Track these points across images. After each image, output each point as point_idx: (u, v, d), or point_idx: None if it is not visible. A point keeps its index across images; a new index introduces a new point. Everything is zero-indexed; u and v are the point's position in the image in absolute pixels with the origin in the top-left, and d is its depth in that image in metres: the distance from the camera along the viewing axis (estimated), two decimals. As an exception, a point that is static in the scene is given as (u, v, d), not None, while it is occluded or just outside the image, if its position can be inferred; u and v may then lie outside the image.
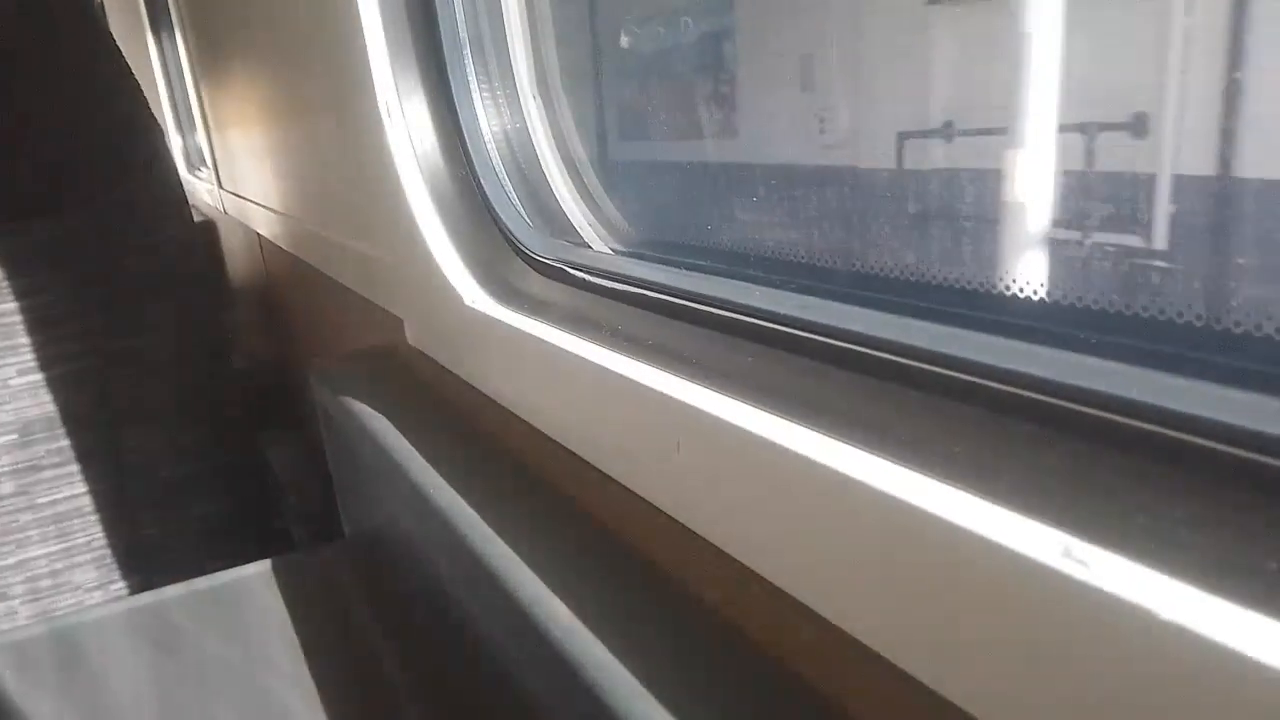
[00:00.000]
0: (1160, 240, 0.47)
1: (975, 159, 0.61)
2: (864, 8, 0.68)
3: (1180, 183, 0.48)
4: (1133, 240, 0.48)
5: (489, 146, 0.87)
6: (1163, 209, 0.48)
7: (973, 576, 0.35)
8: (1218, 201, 0.48)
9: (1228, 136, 0.46)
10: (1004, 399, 0.41)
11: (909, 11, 0.64)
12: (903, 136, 0.68)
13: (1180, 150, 0.49)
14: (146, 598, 1.16)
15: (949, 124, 0.63)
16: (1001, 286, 0.47)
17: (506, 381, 0.79)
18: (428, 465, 0.80)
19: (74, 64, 1.76)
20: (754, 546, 0.49)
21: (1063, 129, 0.53)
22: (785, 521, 0.46)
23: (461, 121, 0.86)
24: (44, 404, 1.73)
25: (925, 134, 0.65)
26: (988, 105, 0.60)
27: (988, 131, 0.61)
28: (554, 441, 0.71)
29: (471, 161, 0.86)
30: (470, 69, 0.86)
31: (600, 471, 0.65)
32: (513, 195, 0.86)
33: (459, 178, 0.88)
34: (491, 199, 0.86)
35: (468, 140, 0.86)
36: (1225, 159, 0.47)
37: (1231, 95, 0.46)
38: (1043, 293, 0.44)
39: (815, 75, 0.73)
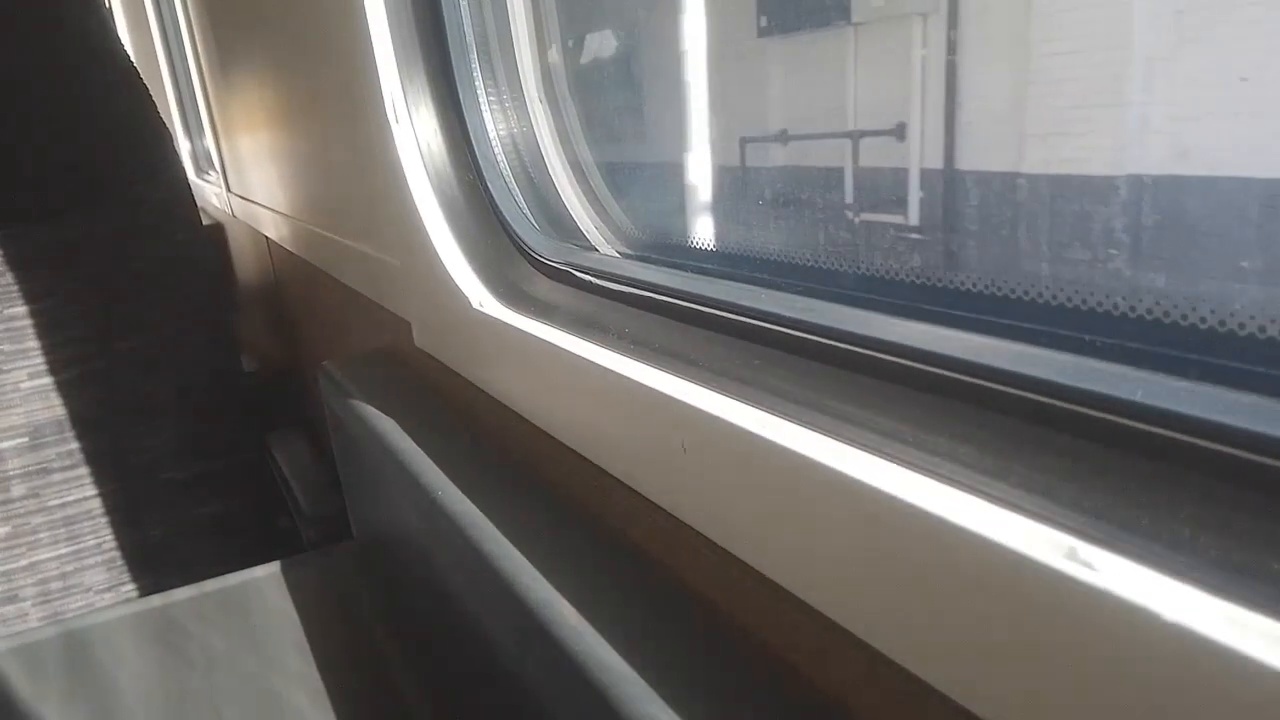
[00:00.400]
0: (914, 217, 0.65)
1: (799, 158, 0.78)
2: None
3: (925, 174, 0.65)
4: (897, 218, 0.67)
5: (495, 150, 0.87)
6: (914, 194, 0.65)
7: (979, 578, 0.36)
8: (948, 187, 0.64)
9: (951, 139, 0.63)
10: (1009, 401, 0.41)
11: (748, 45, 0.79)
12: (744, 141, 0.84)
13: (924, 150, 0.65)
14: (155, 600, 1.17)
15: (784, 131, 0.79)
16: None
17: (513, 384, 0.79)
18: (435, 466, 0.80)
19: (81, 67, 1.77)
20: (761, 548, 0.50)
21: (854, 135, 0.70)
22: (791, 523, 0.46)
23: (468, 125, 0.86)
24: (54, 407, 1.74)
25: (764, 139, 0.83)
26: (808, 118, 0.77)
27: (807, 137, 0.78)
28: (561, 443, 0.72)
29: (478, 165, 0.87)
30: (477, 72, 0.86)
31: (606, 473, 0.65)
32: (519, 198, 0.86)
33: (465, 181, 0.89)
34: (498, 202, 0.86)
35: (474, 144, 0.87)
36: (950, 155, 0.64)
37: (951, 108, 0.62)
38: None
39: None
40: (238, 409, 1.92)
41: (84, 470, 1.76)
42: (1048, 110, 0.57)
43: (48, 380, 1.73)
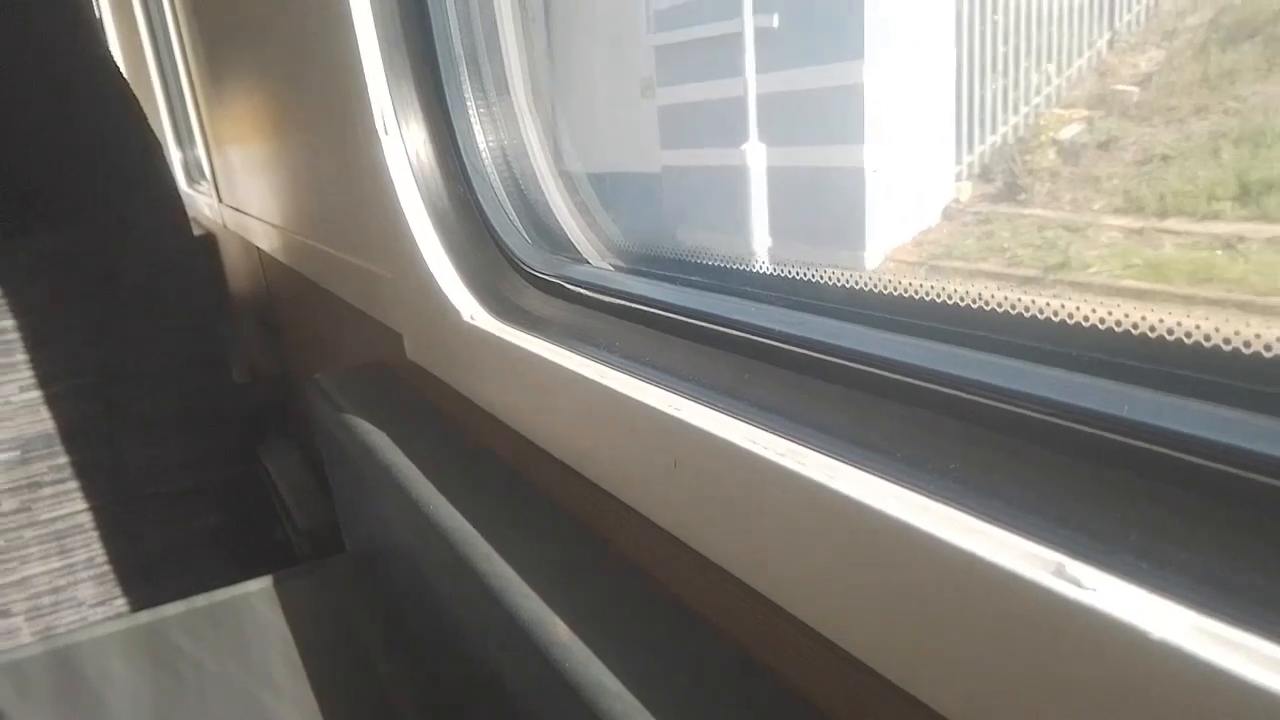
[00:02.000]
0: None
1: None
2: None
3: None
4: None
5: (485, 161, 0.87)
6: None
7: (967, 594, 0.35)
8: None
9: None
10: (998, 416, 0.41)
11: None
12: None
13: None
14: (145, 616, 1.16)
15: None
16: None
17: (505, 397, 0.79)
18: (426, 480, 0.80)
19: (72, 80, 1.77)
20: (752, 564, 0.49)
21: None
22: (781, 538, 0.46)
23: (458, 137, 0.86)
24: (44, 420, 1.73)
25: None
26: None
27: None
28: (552, 457, 0.72)
29: (468, 177, 0.87)
30: (466, 84, 0.86)
31: (598, 487, 0.65)
32: (510, 211, 0.86)
33: (456, 193, 0.89)
34: (489, 214, 0.86)
35: (464, 155, 0.87)
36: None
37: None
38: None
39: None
40: (230, 422, 1.91)
41: (74, 484, 1.75)
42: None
43: (37, 394, 1.73)
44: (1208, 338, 0.35)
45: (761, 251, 0.79)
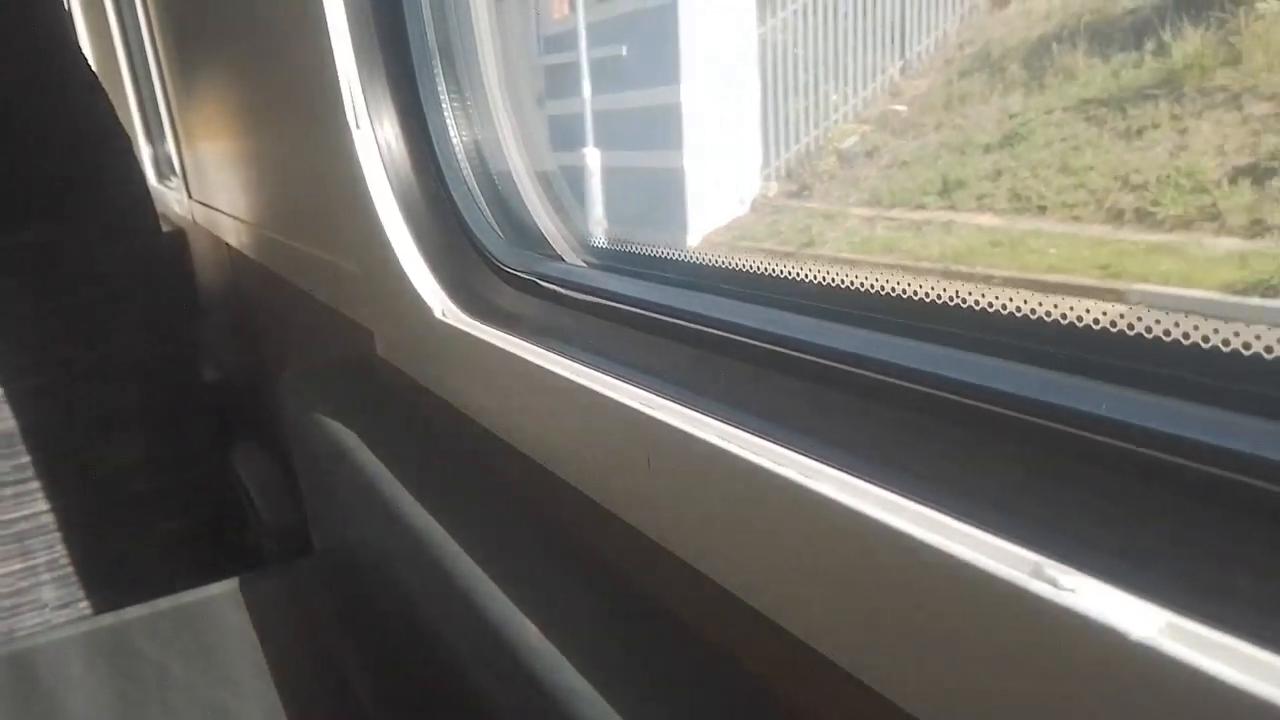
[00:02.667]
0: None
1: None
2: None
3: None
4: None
5: (459, 156, 0.86)
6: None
7: (943, 594, 0.35)
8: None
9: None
10: (975, 416, 0.40)
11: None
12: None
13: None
14: (107, 619, 1.14)
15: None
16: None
17: (476, 395, 0.78)
18: (396, 480, 0.79)
19: (40, 73, 1.74)
20: (725, 563, 0.49)
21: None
22: (756, 538, 0.45)
23: (431, 131, 0.85)
24: (5, 419, 1.70)
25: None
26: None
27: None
28: (525, 455, 0.71)
29: (441, 172, 0.86)
30: (440, 78, 0.85)
31: (571, 487, 0.64)
32: (483, 207, 0.85)
33: (429, 189, 0.87)
34: (462, 210, 0.85)
35: (438, 150, 0.86)
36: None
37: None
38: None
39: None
40: (199, 421, 1.88)
41: (36, 485, 1.72)
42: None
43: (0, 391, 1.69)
44: (1206, 339, 0.35)
45: (599, 233, 0.89)
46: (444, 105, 0.85)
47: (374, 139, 0.87)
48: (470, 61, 0.86)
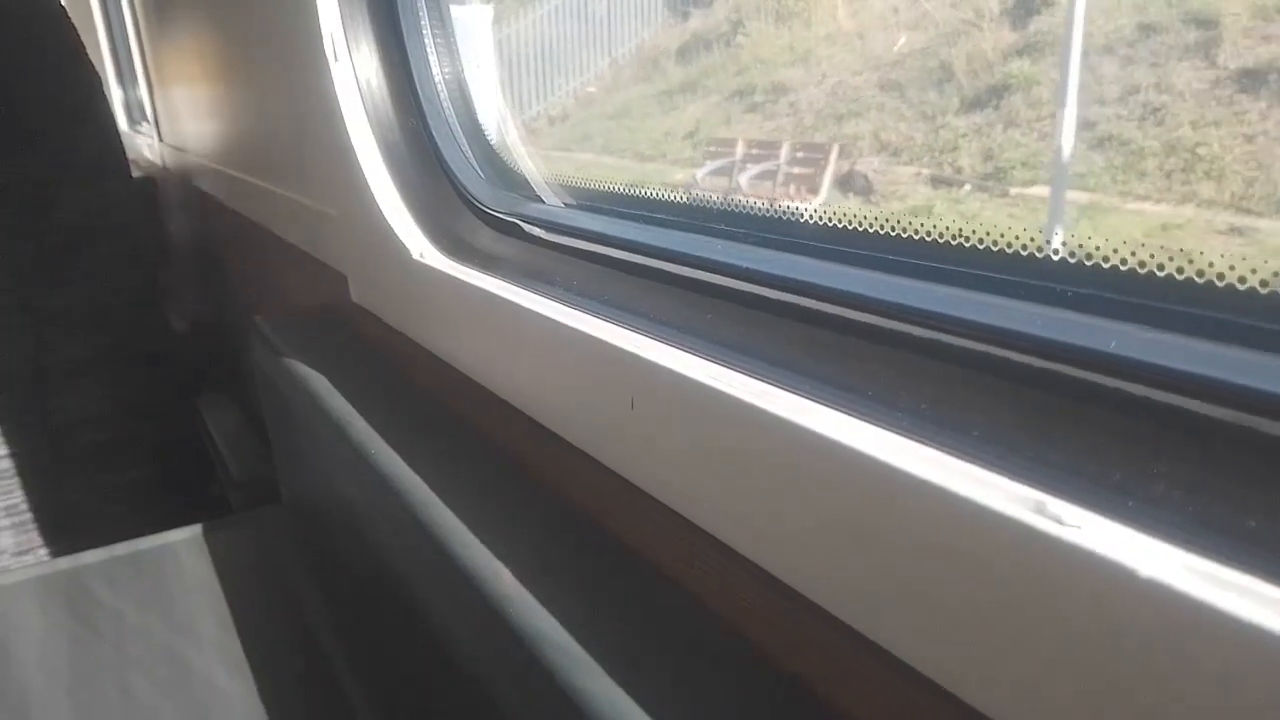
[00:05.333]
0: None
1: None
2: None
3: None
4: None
5: (440, 93, 0.83)
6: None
7: (942, 535, 0.34)
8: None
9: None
10: (973, 354, 0.39)
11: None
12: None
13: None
14: (63, 563, 1.11)
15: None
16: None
17: (454, 339, 0.76)
18: (369, 427, 0.77)
19: (9, 11, 1.68)
20: (708, 507, 0.47)
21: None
22: (741, 480, 0.44)
23: (412, 65, 0.82)
24: None
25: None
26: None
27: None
28: (503, 401, 0.69)
29: (421, 109, 0.83)
30: (423, 9, 0.82)
31: (550, 432, 0.63)
32: (465, 146, 0.83)
33: (408, 126, 0.84)
34: (442, 149, 0.82)
35: (418, 86, 0.83)
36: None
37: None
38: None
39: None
40: (165, 369, 1.85)
41: None
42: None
43: None
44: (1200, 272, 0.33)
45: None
46: (425, 37, 0.82)
47: (352, 73, 0.84)
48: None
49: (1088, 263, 0.37)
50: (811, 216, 0.51)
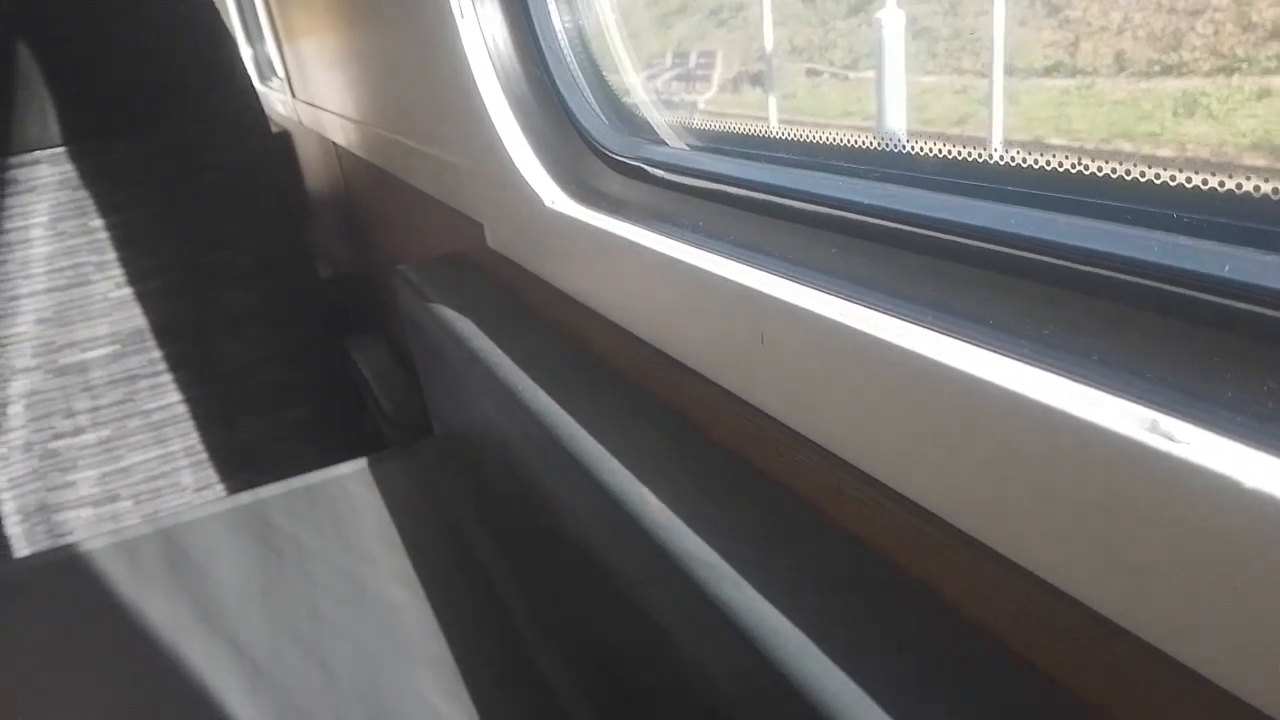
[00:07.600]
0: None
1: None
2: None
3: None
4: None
5: (562, 43, 0.86)
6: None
7: (1059, 453, 0.36)
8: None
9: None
10: (1089, 280, 0.41)
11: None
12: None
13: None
14: (245, 497, 1.23)
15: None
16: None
17: (588, 281, 0.80)
18: (514, 364, 0.82)
19: None
20: (842, 435, 0.51)
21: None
22: (873, 409, 0.47)
23: (533, 17, 0.86)
24: (136, 317, 1.81)
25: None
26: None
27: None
28: (638, 338, 0.73)
29: (545, 60, 0.86)
30: (542, -36, 0.85)
31: (684, 366, 0.66)
32: (588, 93, 0.86)
33: (533, 77, 0.88)
34: (566, 98, 0.86)
35: (540, 37, 0.86)
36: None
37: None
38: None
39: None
40: (316, 315, 1.97)
41: (168, 377, 1.84)
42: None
43: (129, 291, 1.80)
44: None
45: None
46: (546, -11, 0.85)
47: (479, 29, 0.88)
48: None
49: (1204, 187, 0.39)
50: (934, 151, 0.52)
